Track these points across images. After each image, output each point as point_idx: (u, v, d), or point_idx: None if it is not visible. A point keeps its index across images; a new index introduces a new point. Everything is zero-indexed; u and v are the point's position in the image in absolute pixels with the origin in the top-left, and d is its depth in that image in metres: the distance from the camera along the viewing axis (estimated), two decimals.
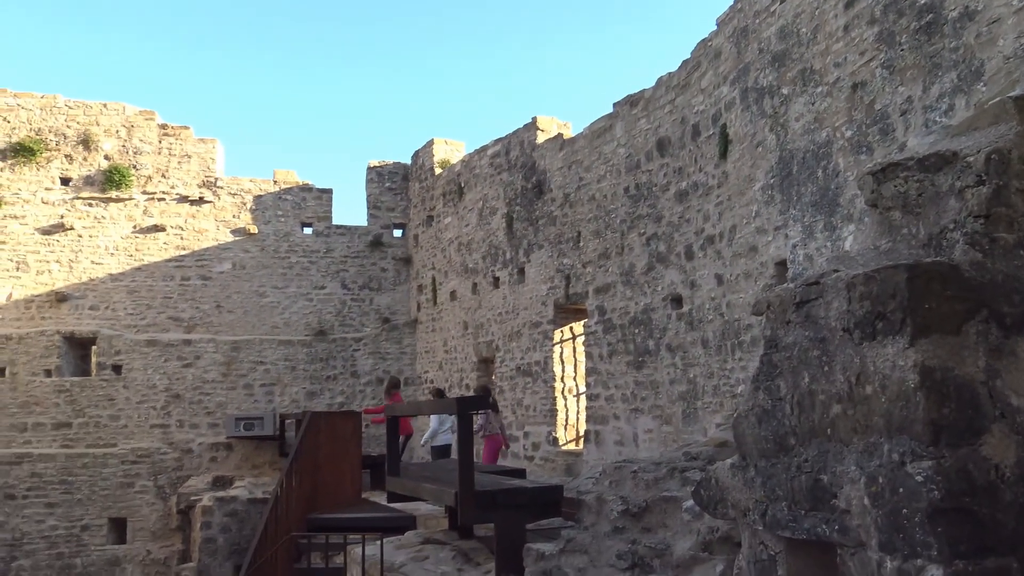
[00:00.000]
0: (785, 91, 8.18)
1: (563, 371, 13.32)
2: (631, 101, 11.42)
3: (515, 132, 14.77)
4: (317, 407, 17.04)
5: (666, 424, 10.36)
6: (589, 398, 12.15)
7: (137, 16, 41.80)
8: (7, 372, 16.66)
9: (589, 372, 12.19)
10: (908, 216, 2.67)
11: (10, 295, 16.93)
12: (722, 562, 4.39)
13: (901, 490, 2.23)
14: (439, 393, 13.91)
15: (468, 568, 6.11)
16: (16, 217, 17.11)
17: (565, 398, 13.27)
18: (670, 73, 10.61)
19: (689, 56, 10.18)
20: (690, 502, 4.70)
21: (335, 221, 18.94)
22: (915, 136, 3.47)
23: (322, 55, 44.72)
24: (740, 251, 8.96)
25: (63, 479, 16.57)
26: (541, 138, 14.02)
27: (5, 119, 17.30)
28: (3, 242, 17.00)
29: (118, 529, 16.85)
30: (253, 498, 13.70)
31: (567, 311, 13.27)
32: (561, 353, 13.36)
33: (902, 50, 6.66)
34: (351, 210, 51.69)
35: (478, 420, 12.50)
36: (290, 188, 18.74)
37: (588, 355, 12.26)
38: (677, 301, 10.28)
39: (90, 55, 42.32)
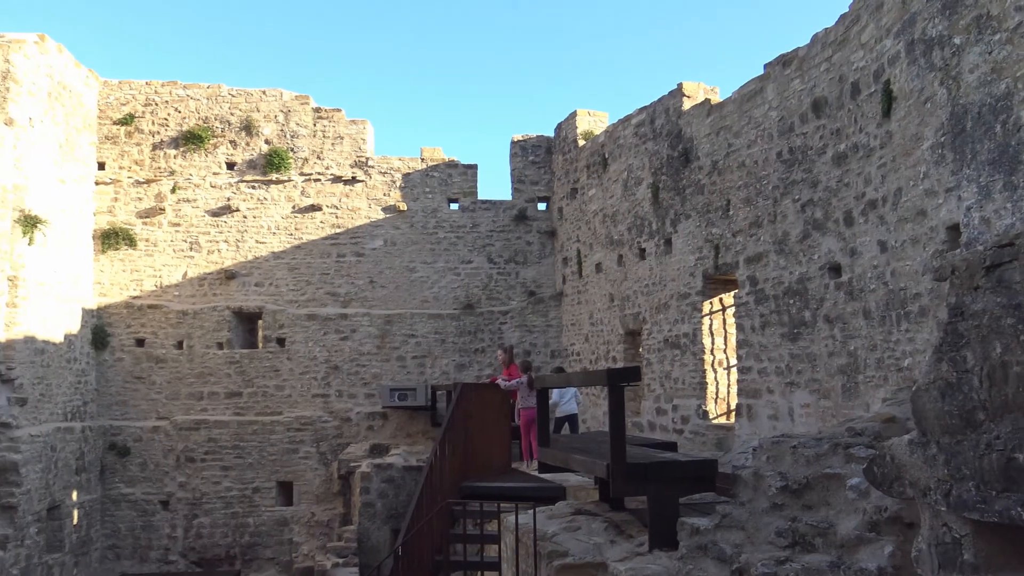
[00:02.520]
0: (957, 41, 7.55)
1: (712, 343, 12.99)
2: (783, 61, 10.89)
3: (660, 100, 14.43)
4: (466, 379, 17.45)
5: (824, 399, 9.93)
6: (741, 371, 11.80)
7: (291, 3, 43.69)
8: (184, 345, 17.99)
9: (740, 344, 11.83)
10: None
11: (185, 274, 18.24)
12: (891, 543, 4.17)
13: None
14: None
15: (620, 540, 6.08)
16: (189, 201, 18.38)
17: (715, 371, 12.95)
18: (826, 29, 10.03)
19: (847, 10, 9.58)
20: (855, 480, 4.49)
21: (480, 196, 19.23)
22: None
23: (466, 31, 45.29)
24: (906, 215, 8.40)
25: (236, 444, 17.80)
26: (687, 105, 13.63)
27: (177, 110, 18.54)
28: (178, 224, 18.30)
29: (285, 492, 17.95)
30: (408, 465, 14.21)
31: (716, 282, 12.91)
32: (710, 325, 13.04)
33: None
34: (496, 185, 52.30)
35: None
36: (437, 165, 19.15)
37: (739, 327, 11.89)
38: (835, 270, 9.79)
39: (250, 44, 44.66)
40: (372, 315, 18.51)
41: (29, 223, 14.66)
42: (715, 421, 12.76)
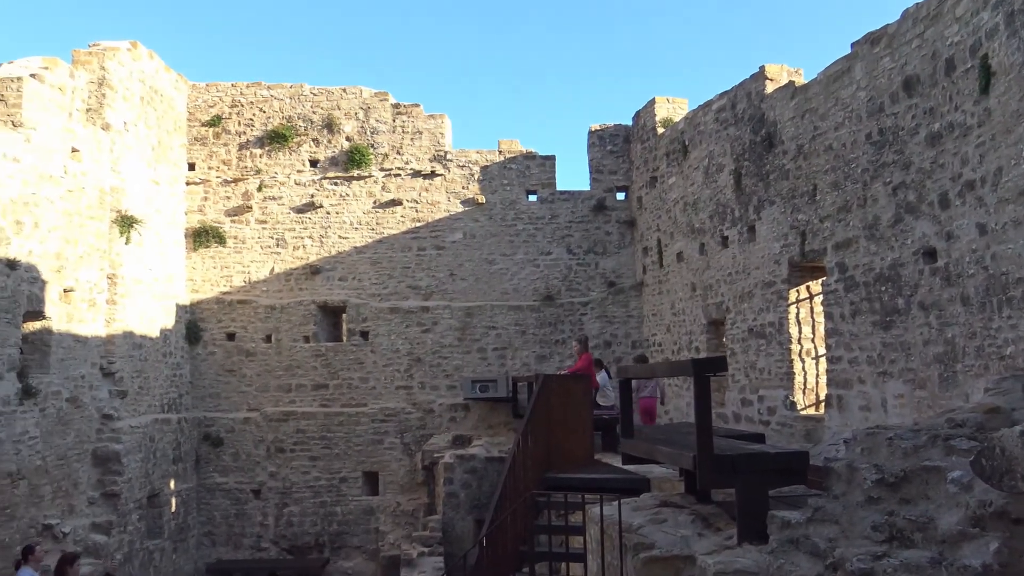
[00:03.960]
0: None
1: (800, 332, 12.65)
2: (872, 39, 10.49)
3: (741, 84, 14.10)
4: (546, 370, 17.44)
5: (919, 389, 9.56)
6: (830, 361, 11.46)
7: (370, 1, 44.36)
8: (272, 338, 18.51)
9: (829, 333, 11.49)
10: None
11: (272, 269, 18.75)
12: (996, 539, 3.98)
13: None
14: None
15: (708, 533, 5.98)
16: (275, 199, 18.87)
17: (803, 361, 12.61)
18: (917, 4, 9.61)
19: None
20: (957, 472, 4.30)
21: (559, 187, 19.17)
22: None
23: (542, 22, 45.19)
24: (1008, 196, 8.00)
25: (323, 435, 18.24)
26: (770, 88, 13.28)
27: (261, 110, 19.05)
28: (264, 221, 18.82)
29: (371, 482, 18.31)
30: (490, 456, 14.30)
31: (803, 269, 12.56)
32: (797, 314, 12.70)
33: None
34: (574, 175, 52.18)
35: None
36: (514, 157, 19.17)
37: (828, 315, 11.54)
38: (930, 255, 9.40)
39: (331, 43, 45.54)
40: (453, 307, 18.68)
41: (126, 223, 15.29)
42: (803, 412, 12.44)
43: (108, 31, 44.04)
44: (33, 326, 12.95)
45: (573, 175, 39.48)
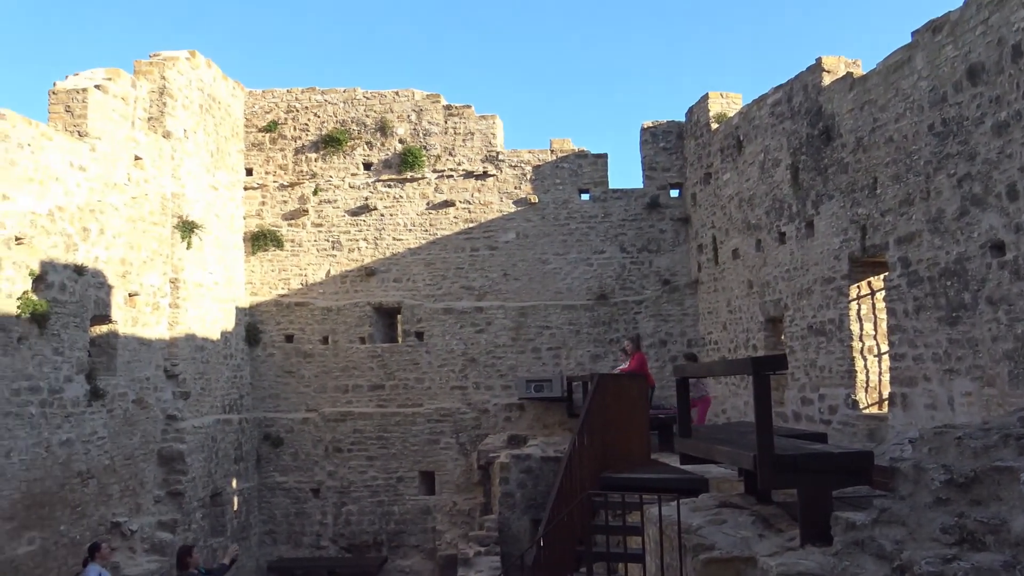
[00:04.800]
0: None
1: (861, 329, 12.37)
2: (933, 27, 10.21)
3: (797, 76, 13.84)
4: (601, 369, 17.35)
5: (988, 386, 9.26)
6: (893, 358, 11.17)
7: (420, 4, 44.72)
8: (329, 340, 18.77)
9: (892, 330, 11.20)
10: None
11: (328, 272, 19.01)
12: None
13: None
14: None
15: (769, 534, 5.88)
16: (329, 202, 19.13)
17: (864, 358, 12.33)
18: None
19: None
20: None
21: (611, 185, 19.07)
22: None
23: (591, 20, 45.02)
24: None
25: (379, 435, 18.43)
26: (827, 80, 13.01)
27: (316, 115, 19.33)
28: (320, 225, 19.10)
29: (427, 481, 18.44)
30: (546, 456, 14.29)
31: (863, 265, 12.27)
32: (858, 310, 12.41)
33: None
34: (627, 173, 51.86)
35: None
36: (566, 156, 19.13)
37: (890, 311, 11.26)
38: (998, 248, 9.11)
39: (383, 47, 46.02)
40: (507, 307, 18.71)
41: (187, 228, 15.66)
42: (866, 411, 12.16)
43: (167, 42, 45.16)
44: (100, 330, 13.34)
45: (626, 173, 39.27)
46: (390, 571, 17.88)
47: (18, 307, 11.18)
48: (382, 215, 19.01)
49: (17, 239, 11.22)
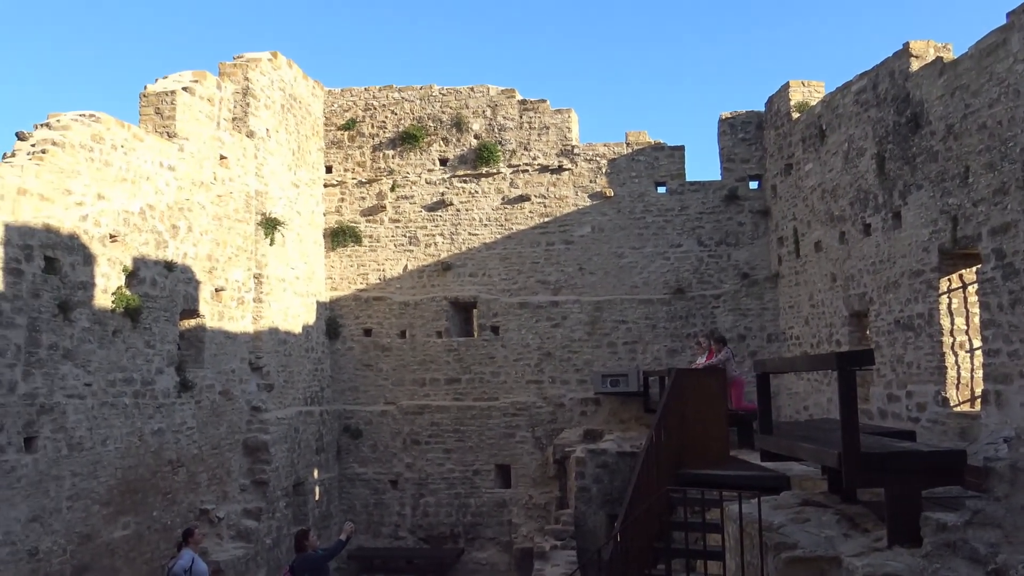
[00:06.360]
0: None
1: (952, 324, 11.90)
2: None
3: (883, 63, 13.38)
4: (678, 364, 17.15)
5: None
6: (987, 354, 10.71)
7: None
8: (407, 334, 19.04)
9: (986, 325, 10.74)
10: None
11: (405, 267, 19.28)
12: None
13: None
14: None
15: (854, 534, 5.72)
16: (407, 198, 19.39)
17: (955, 354, 11.85)
18: None
19: None
20: None
21: (688, 178, 18.81)
22: None
23: (666, 10, 44.43)
24: None
25: (456, 428, 18.61)
26: (915, 65, 12.53)
27: (393, 112, 19.60)
28: (397, 220, 19.37)
29: (503, 475, 18.54)
30: (621, 451, 14.20)
31: (954, 257, 11.80)
32: (949, 304, 11.94)
33: None
34: (704, 165, 51.05)
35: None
36: (642, 149, 18.94)
37: (984, 305, 10.79)
38: None
39: (458, 43, 46.36)
40: (582, 302, 18.64)
41: (270, 225, 16.09)
42: (956, 409, 11.70)
43: (251, 42, 46.46)
44: (188, 323, 13.83)
45: (703, 165, 38.56)
46: (467, 563, 18.06)
47: (113, 302, 11.67)
48: (458, 210, 19.17)
49: (111, 237, 11.71)
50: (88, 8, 44.17)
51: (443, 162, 19.42)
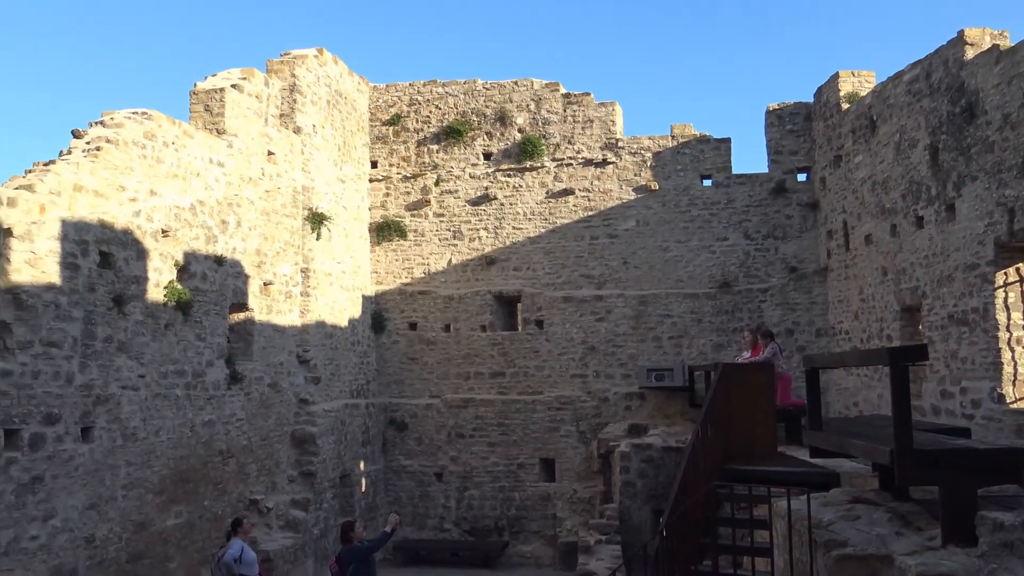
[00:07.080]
0: None
1: (1008, 319, 11.60)
2: None
3: (937, 51, 13.07)
4: (724, 359, 16.96)
5: None
6: None
7: None
8: (451, 328, 19.14)
9: None
10: None
11: (449, 261, 19.36)
12: None
13: None
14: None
15: (907, 532, 5.60)
16: (451, 192, 19.47)
17: (1012, 349, 11.56)
18: None
19: None
20: None
21: (735, 170, 18.58)
22: None
23: (713, 3, 43.90)
24: None
25: (500, 422, 18.66)
26: (970, 53, 12.22)
27: (437, 107, 19.68)
28: (442, 215, 19.46)
29: (547, 469, 18.55)
30: (667, 446, 14.11)
31: (1011, 250, 11.50)
32: (1005, 298, 11.64)
33: None
34: (751, 158, 50.29)
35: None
36: (688, 141, 18.75)
37: None
38: None
39: (502, 37, 46.36)
40: (627, 296, 18.54)
41: (316, 220, 16.28)
42: (1013, 406, 11.41)
43: (297, 39, 47.00)
44: (237, 317, 14.06)
45: (750, 158, 37.94)
46: (511, 556, 18.11)
47: (164, 295, 11.91)
48: (502, 204, 19.19)
49: (163, 232, 11.95)
50: (141, 8, 45.09)
51: (487, 156, 19.45)
